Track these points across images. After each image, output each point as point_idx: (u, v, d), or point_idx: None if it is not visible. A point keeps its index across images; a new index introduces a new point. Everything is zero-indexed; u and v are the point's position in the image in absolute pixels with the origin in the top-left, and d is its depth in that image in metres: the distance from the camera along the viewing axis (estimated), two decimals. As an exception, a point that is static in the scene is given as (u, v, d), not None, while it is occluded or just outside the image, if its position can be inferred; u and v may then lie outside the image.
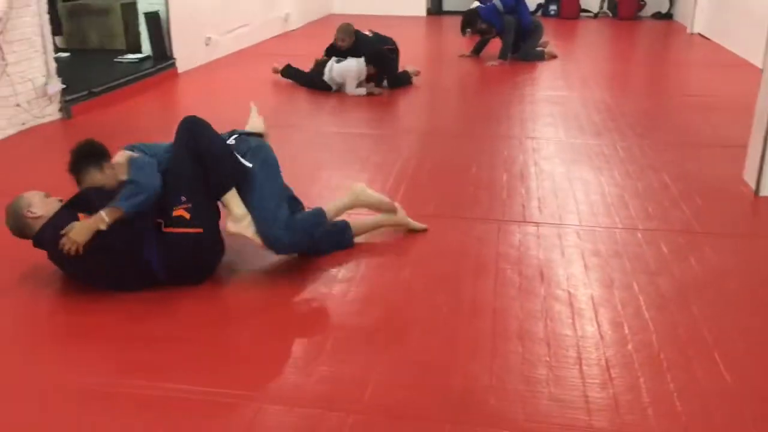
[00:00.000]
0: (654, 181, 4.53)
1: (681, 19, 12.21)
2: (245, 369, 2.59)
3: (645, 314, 2.96)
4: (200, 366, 2.59)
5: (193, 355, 2.66)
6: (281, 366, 2.62)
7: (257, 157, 3.28)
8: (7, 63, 5.22)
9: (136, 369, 2.57)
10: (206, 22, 8.42)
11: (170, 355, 2.66)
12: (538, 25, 8.84)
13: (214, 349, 2.71)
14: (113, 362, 2.62)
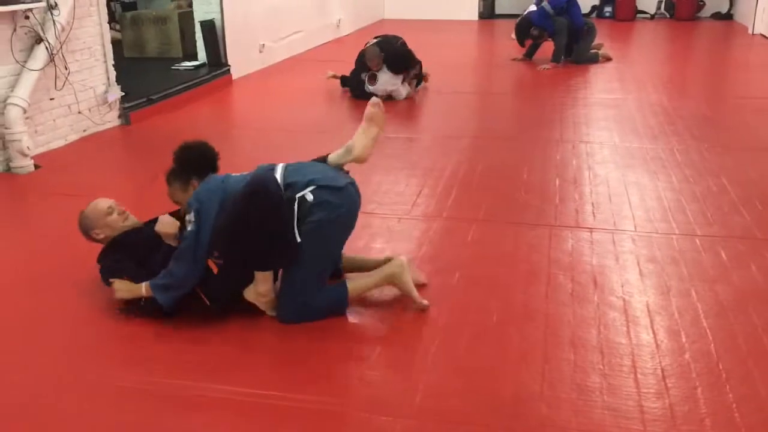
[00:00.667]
0: (713, 186, 4.40)
1: (742, 20, 11.86)
2: (299, 373, 2.62)
3: (703, 323, 2.88)
4: (252, 369, 2.63)
5: (243, 358, 2.70)
6: (330, 370, 2.63)
7: (314, 228, 2.82)
8: (69, 72, 5.41)
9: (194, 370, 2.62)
10: (260, 29, 8.56)
11: (224, 358, 2.70)
12: (591, 26, 8.71)
13: (266, 354, 2.75)
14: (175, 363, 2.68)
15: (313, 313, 2.90)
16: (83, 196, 4.21)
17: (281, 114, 6.60)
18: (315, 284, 2.90)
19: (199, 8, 7.78)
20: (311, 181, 2.87)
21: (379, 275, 3.03)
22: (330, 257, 3.02)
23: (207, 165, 3.10)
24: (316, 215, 2.82)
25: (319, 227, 2.82)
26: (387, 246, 3.66)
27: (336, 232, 2.96)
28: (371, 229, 3.87)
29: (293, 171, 2.95)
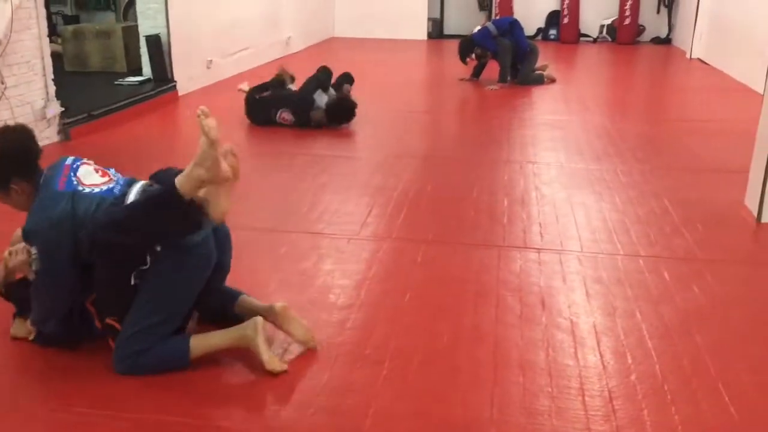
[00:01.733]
0: (655, 207, 4.50)
1: (680, 45, 12.28)
2: (239, 401, 2.54)
3: (648, 343, 2.92)
4: (191, 395, 2.54)
5: (186, 384, 2.61)
6: (279, 397, 2.56)
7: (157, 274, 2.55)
8: (6, 86, 5.22)
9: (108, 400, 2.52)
10: (208, 45, 8.45)
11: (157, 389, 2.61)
12: (534, 48, 8.88)
13: (205, 381, 2.66)
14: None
15: (145, 367, 2.57)
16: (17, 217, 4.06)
17: (227, 131, 6.50)
18: (151, 332, 2.57)
19: (145, 23, 7.64)
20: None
21: (229, 335, 2.68)
22: (177, 304, 2.65)
23: (29, 161, 2.64)
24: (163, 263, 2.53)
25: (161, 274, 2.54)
26: (335, 267, 3.61)
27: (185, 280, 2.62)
28: (320, 249, 3.83)
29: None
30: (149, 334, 2.58)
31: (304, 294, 3.32)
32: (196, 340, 2.66)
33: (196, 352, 2.64)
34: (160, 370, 2.60)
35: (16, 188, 2.62)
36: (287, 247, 3.84)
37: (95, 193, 2.59)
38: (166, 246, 2.54)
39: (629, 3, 12.94)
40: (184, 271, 2.59)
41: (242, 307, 2.91)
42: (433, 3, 13.76)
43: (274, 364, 2.63)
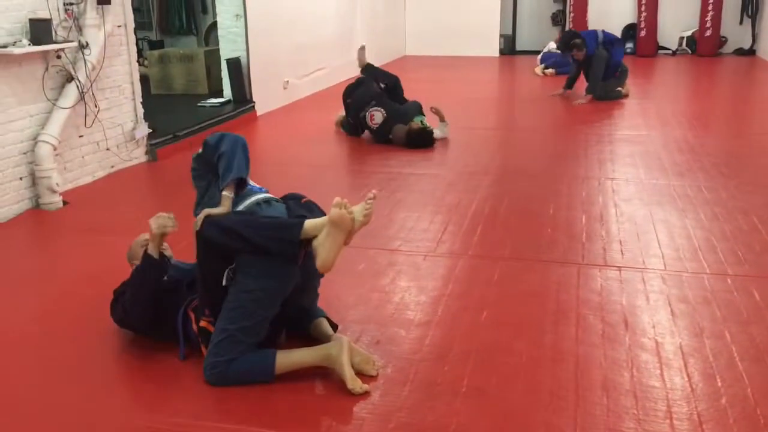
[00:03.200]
0: (743, 224, 4.34)
1: (765, 55, 11.83)
2: (324, 417, 2.58)
3: (739, 366, 2.81)
4: (273, 408, 2.60)
5: (265, 401, 2.67)
6: (359, 412, 2.59)
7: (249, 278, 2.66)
8: (99, 109, 5.50)
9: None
10: (284, 66, 8.68)
11: (243, 402, 2.68)
12: (625, 70, 8.71)
13: (290, 397, 2.71)
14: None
15: (232, 376, 2.67)
16: (110, 233, 4.27)
17: (305, 149, 6.65)
18: (238, 339, 2.65)
19: (226, 46, 7.91)
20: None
21: (315, 353, 2.74)
22: (263, 310, 2.69)
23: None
24: (251, 267, 2.64)
25: (249, 278, 2.64)
26: (412, 284, 3.63)
27: (272, 286, 2.68)
28: (396, 266, 3.85)
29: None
30: (237, 342, 2.66)
31: (383, 310, 3.35)
32: (282, 356, 2.72)
33: (281, 367, 2.71)
34: (246, 381, 2.68)
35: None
36: (365, 263, 3.89)
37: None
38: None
39: (710, 14, 12.57)
40: (271, 277, 2.65)
41: (317, 330, 2.96)
42: (506, 19, 13.72)
43: (355, 385, 2.64)
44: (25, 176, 4.91)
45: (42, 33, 4.78)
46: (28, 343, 3.13)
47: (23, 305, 3.53)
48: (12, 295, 3.63)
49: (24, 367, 2.93)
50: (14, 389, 2.77)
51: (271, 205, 2.86)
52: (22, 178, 4.88)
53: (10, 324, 3.32)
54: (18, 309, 3.48)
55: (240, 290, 2.66)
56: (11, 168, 4.80)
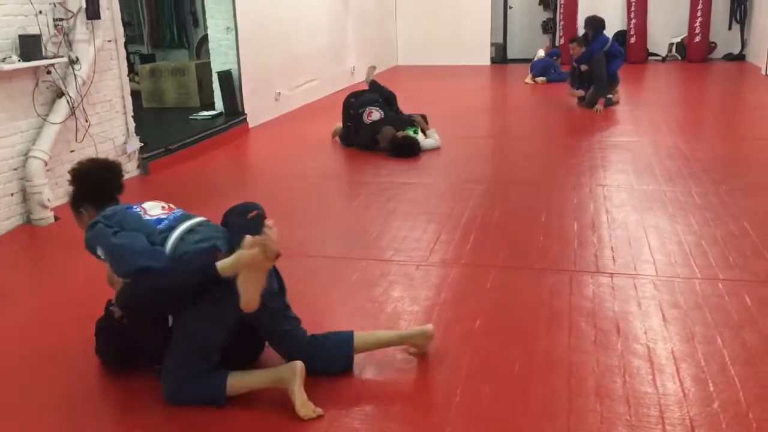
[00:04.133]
0: (734, 229, 4.36)
1: (754, 60, 11.91)
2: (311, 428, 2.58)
3: (731, 370, 2.82)
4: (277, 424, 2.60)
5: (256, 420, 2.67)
6: (353, 424, 2.59)
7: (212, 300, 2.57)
8: (89, 124, 5.50)
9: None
10: (276, 77, 8.70)
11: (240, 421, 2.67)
12: (617, 79, 8.77)
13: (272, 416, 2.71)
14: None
15: (186, 397, 2.62)
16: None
17: (297, 161, 6.66)
18: (194, 362, 2.61)
19: (217, 59, 7.93)
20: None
21: (266, 376, 2.69)
22: (212, 335, 2.64)
23: (99, 192, 2.83)
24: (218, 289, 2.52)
25: (198, 307, 2.56)
26: (405, 294, 3.63)
27: (222, 313, 2.60)
28: (389, 276, 3.86)
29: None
30: (188, 363, 2.61)
31: (376, 320, 3.35)
32: (234, 378, 2.64)
33: (233, 388, 2.63)
34: (199, 401, 2.62)
35: (85, 213, 2.84)
36: (358, 274, 3.89)
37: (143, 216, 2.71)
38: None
39: (699, 20, 12.66)
40: (222, 304, 2.56)
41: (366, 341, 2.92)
42: (497, 28, 13.79)
43: (306, 410, 2.57)
44: (16, 192, 4.90)
45: (32, 49, 4.79)
46: (18, 357, 3.12)
47: (14, 320, 3.52)
48: (3, 311, 3.62)
49: (13, 382, 2.92)
50: (3, 401, 2.76)
51: (197, 232, 2.69)
52: (13, 194, 4.88)
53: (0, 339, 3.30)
54: (9, 324, 3.47)
55: (185, 319, 2.62)
56: (2, 184, 4.79)
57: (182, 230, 2.66)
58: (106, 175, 2.89)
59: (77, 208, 2.88)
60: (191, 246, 2.60)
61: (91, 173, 2.86)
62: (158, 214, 2.74)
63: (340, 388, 2.78)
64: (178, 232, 2.64)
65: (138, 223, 2.67)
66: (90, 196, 2.84)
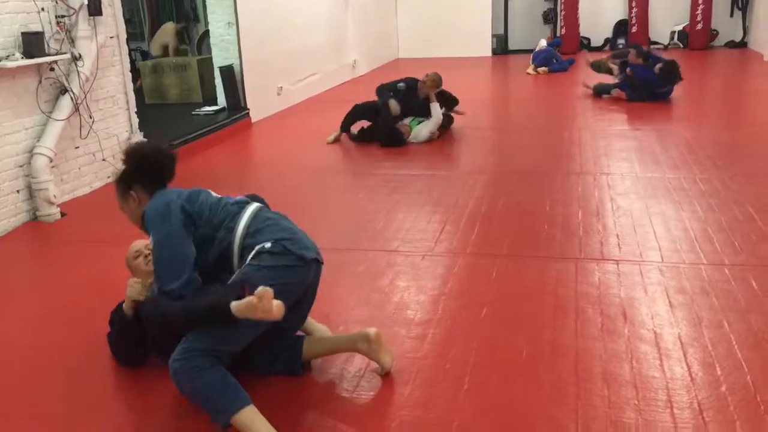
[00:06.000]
0: (739, 215, 4.36)
1: (756, 47, 11.88)
2: (325, 418, 2.59)
3: (738, 354, 2.82)
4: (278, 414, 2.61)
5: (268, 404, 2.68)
6: (364, 411, 2.60)
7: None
8: (93, 120, 5.51)
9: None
10: (278, 72, 8.70)
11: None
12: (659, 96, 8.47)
13: (288, 400, 2.73)
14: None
15: (199, 380, 2.39)
16: (109, 243, 4.28)
17: (300, 155, 6.67)
18: (220, 338, 2.44)
19: (219, 54, 7.93)
20: (281, 239, 2.55)
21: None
22: (248, 332, 2.51)
23: (155, 175, 2.73)
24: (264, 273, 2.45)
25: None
26: (412, 284, 3.64)
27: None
28: (396, 267, 3.87)
29: (264, 221, 2.63)
30: (217, 338, 2.44)
31: (383, 310, 3.36)
32: (251, 412, 2.39)
33: (242, 419, 2.37)
34: (205, 397, 2.41)
35: (134, 195, 2.74)
36: (365, 265, 3.90)
37: (212, 194, 2.73)
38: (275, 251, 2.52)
39: (701, 8, 12.63)
40: (286, 279, 2.50)
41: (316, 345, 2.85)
42: (497, 19, 13.76)
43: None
44: (23, 189, 4.92)
45: (34, 46, 4.80)
46: (26, 353, 3.14)
47: (23, 316, 3.54)
48: (12, 306, 3.64)
49: (23, 377, 2.94)
50: (12, 398, 2.78)
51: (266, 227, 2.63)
52: (19, 191, 4.90)
53: (10, 334, 3.33)
54: (18, 319, 3.49)
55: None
56: (8, 181, 4.81)
57: (253, 210, 2.65)
58: (165, 159, 2.79)
59: (127, 188, 2.74)
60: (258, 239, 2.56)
61: (151, 154, 2.75)
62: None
63: (347, 374, 2.80)
64: (249, 212, 2.64)
65: (214, 203, 2.68)
66: (145, 177, 2.72)
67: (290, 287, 2.54)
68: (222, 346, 2.46)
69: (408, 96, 6.91)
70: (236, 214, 2.64)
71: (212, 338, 2.44)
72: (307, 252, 2.58)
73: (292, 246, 2.53)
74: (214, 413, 2.40)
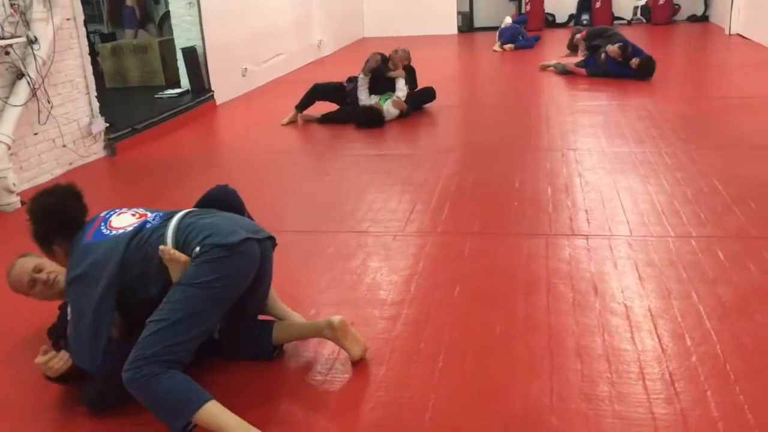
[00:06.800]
0: (704, 187, 4.41)
1: (718, 21, 12.01)
2: (298, 401, 2.57)
3: (707, 324, 2.86)
4: (251, 397, 2.58)
5: (241, 388, 2.65)
6: (338, 393, 2.59)
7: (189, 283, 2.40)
8: (52, 105, 5.36)
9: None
10: (242, 53, 8.56)
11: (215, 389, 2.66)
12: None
13: (262, 382, 2.70)
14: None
15: (154, 386, 2.27)
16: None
17: (266, 137, 6.59)
18: (175, 333, 2.33)
19: (180, 35, 7.77)
20: (204, 239, 2.45)
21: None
22: (212, 310, 2.45)
23: (65, 223, 2.64)
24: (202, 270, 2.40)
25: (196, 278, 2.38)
26: (383, 264, 3.62)
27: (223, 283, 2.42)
28: (366, 248, 3.84)
29: (185, 231, 2.52)
30: (172, 333, 2.34)
31: (355, 292, 3.34)
32: (215, 406, 2.29)
33: (206, 415, 2.27)
34: (164, 402, 2.29)
35: (58, 249, 2.66)
36: (335, 246, 3.87)
37: (119, 233, 2.55)
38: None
39: (663, -18, 12.71)
40: (223, 272, 2.43)
41: (285, 331, 2.81)
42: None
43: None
44: (-20, 178, 4.78)
45: (-12, 29, 4.64)
46: (-6, 347, 3.06)
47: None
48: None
49: (-9, 372, 2.86)
50: (-18, 394, 2.71)
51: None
52: (-24, 180, 4.76)
53: (-26, 329, 3.24)
54: (-19, 313, 3.40)
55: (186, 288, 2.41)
56: (-35, 170, 4.67)
57: (178, 219, 2.55)
58: (69, 204, 2.69)
59: (48, 246, 2.67)
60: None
61: (54, 207, 2.66)
62: (130, 224, 2.60)
63: (321, 357, 2.78)
64: (174, 222, 2.54)
65: (115, 243, 2.52)
66: (59, 230, 2.64)
67: (236, 275, 2.47)
68: (172, 346, 2.32)
69: (376, 74, 6.86)
70: (161, 239, 2.51)
71: (161, 338, 2.32)
72: (232, 237, 2.46)
73: (215, 239, 2.44)
74: (172, 419, 2.26)
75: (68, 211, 2.67)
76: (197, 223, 2.54)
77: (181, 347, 2.35)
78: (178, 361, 2.33)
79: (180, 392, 2.28)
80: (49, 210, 2.66)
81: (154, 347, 2.30)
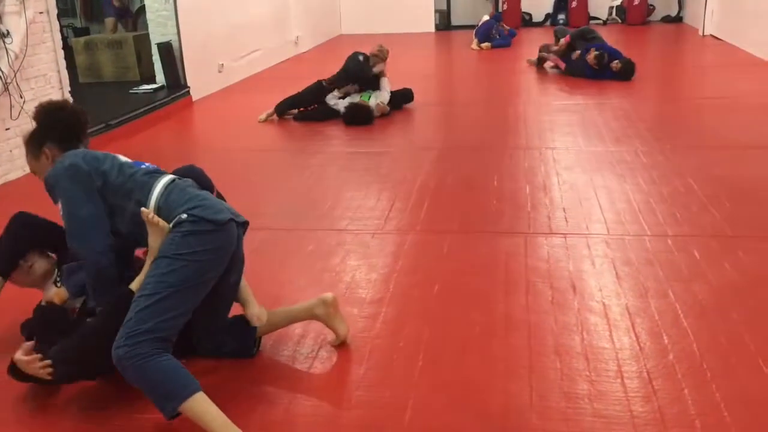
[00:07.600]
0: (679, 186, 4.46)
1: (691, 22, 12.16)
2: (277, 400, 2.55)
3: (683, 322, 2.89)
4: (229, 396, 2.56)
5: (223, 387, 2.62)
6: (318, 392, 2.57)
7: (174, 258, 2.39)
8: (25, 100, 5.26)
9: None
10: (219, 49, 8.48)
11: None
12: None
13: (243, 380, 2.67)
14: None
15: (149, 368, 2.25)
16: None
17: (244, 133, 6.53)
18: (164, 310, 2.31)
19: (156, 30, 7.68)
20: (192, 208, 2.45)
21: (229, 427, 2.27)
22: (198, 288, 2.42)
23: (69, 132, 2.67)
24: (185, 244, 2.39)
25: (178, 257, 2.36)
26: (362, 262, 3.61)
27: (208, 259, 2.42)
28: (345, 246, 3.83)
29: (175, 192, 2.52)
30: (162, 310, 2.32)
31: (334, 290, 3.28)
32: (202, 398, 2.27)
33: (194, 406, 2.25)
34: (156, 383, 2.27)
35: (47, 152, 2.65)
36: (313, 244, 3.85)
37: (120, 158, 2.64)
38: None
39: (638, -17, 12.83)
40: (209, 245, 2.42)
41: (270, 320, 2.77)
42: (440, -6, 13.71)
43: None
44: (-50, 174, 4.68)
45: (-42, 22, 4.54)
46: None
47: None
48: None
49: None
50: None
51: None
52: (-54, 175, 4.66)
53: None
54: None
55: (171, 264, 2.39)
56: (-66, 166, 4.57)
57: (165, 183, 2.54)
58: (78, 117, 2.74)
59: (39, 145, 2.65)
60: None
61: (64, 109, 2.73)
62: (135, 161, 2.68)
63: (300, 356, 2.76)
64: (162, 184, 2.53)
65: (123, 165, 2.58)
66: (58, 133, 2.65)
67: (220, 250, 2.46)
68: (164, 321, 2.31)
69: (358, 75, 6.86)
70: (147, 187, 2.52)
71: (153, 313, 2.30)
72: (221, 215, 2.46)
73: (204, 212, 2.44)
74: (162, 401, 2.27)
75: (77, 121, 2.72)
76: (186, 190, 2.55)
77: (171, 323, 2.35)
78: (167, 338, 2.34)
79: (173, 377, 2.28)
80: (61, 110, 2.72)
81: (147, 323, 2.29)
